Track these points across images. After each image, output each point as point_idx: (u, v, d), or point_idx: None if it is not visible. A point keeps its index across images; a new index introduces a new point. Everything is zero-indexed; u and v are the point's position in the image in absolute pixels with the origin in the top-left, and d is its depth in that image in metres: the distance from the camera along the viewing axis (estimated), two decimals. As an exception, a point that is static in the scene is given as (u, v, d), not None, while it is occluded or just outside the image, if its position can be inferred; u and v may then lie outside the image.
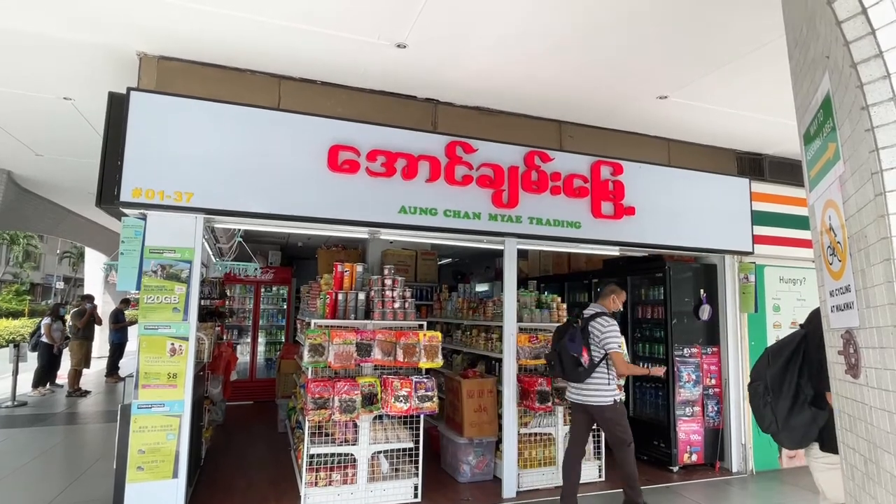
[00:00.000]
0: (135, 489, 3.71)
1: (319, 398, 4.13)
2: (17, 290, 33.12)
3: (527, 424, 4.97)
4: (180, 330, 3.92)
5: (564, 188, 4.94)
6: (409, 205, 4.44)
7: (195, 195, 3.88)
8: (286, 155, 4.16)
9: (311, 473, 4.29)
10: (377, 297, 4.72)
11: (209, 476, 5.00)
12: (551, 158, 4.91)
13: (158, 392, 3.82)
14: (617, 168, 5.15)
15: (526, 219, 4.79)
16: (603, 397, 4.10)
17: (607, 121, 5.37)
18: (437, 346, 4.50)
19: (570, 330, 4.21)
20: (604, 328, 4.15)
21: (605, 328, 4.14)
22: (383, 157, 4.38)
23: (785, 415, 2.44)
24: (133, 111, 3.79)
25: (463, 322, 6.42)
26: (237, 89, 4.29)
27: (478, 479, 5.06)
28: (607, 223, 5.08)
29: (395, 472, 4.57)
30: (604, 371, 4.10)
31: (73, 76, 4.53)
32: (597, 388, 4.10)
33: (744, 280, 5.79)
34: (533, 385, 4.73)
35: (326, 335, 4.30)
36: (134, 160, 3.76)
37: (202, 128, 3.97)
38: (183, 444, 3.84)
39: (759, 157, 6.20)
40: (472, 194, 4.63)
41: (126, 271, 3.92)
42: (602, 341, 4.11)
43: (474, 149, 4.65)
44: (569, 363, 4.10)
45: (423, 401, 4.35)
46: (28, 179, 8.08)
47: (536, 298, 5.46)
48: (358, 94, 4.67)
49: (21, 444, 6.13)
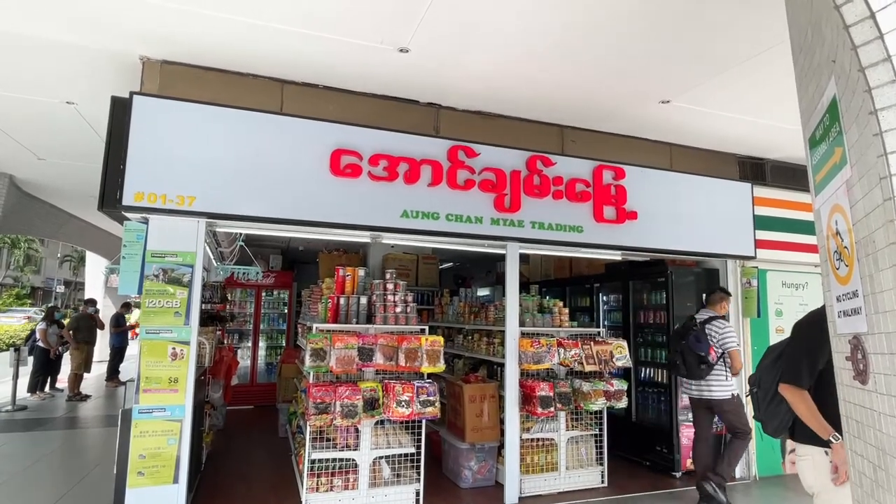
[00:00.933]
0: (135, 494, 3.69)
1: (321, 403, 4.11)
2: (18, 293, 33.13)
3: (529, 429, 4.95)
4: (182, 334, 3.90)
5: (567, 192, 4.93)
6: (412, 209, 4.43)
7: (197, 199, 3.88)
8: (288, 159, 4.15)
9: (312, 479, 4.26)
10: (379, 301, 4.71)
11: (210, 481, 4.97)
12: (553, 163, 4.91)
13: (159, 396, 3.80)
14: (619, 172, 5.15)
15: (528, 223, 4.78)
16: (723, 391, 4.60)
17: (609, 125, 5.38)
18: (438, 351, 4.48)
19: (693, 332, 4.67)
20: (721, 329, 4.66)
21: (722, 329, 4.66)
22: (385, 161, 4.38)
23: (766, 404, 2.67)
24: (136, 115, 3.79)
25: (465, 326, 6.40)
26: (240, 93, 4.30)
27: (480, 485, 5.03)
28: (610, 227, 5.07)
29: (396, 478, 4.54)
30: (722, 368, 4.61)
31: (75, 80, 4.54)
32: (717, 383, 4.60)
33: (746, 285, 5.77)
34: (535, 390, 4.71)
35: (328, 339, 4.28)
36: (136, 164, 3.76)
37: (204, 132, 3.96)
38: (184, 449, 3.82)
39: (761, 161, 6.20)
40: (474, 198, 4.63)
41: (128, 275, 3.91)
42: (720, 341, 4.61)
43: (476, 153, 4.64)
44: (692, 362, 4.58)
45: (425, 406, 4.33)
46: (30, 183, 8.08)
47: (538, 302, 5.44)
48: (360, 99, 4.68)
49: (20, 448, 6.10)
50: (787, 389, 2.47)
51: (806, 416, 2.40)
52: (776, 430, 2.67)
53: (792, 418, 2.56)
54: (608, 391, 4.94)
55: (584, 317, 7.06)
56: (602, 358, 5.00)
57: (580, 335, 5.25)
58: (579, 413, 5.18)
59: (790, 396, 2.46)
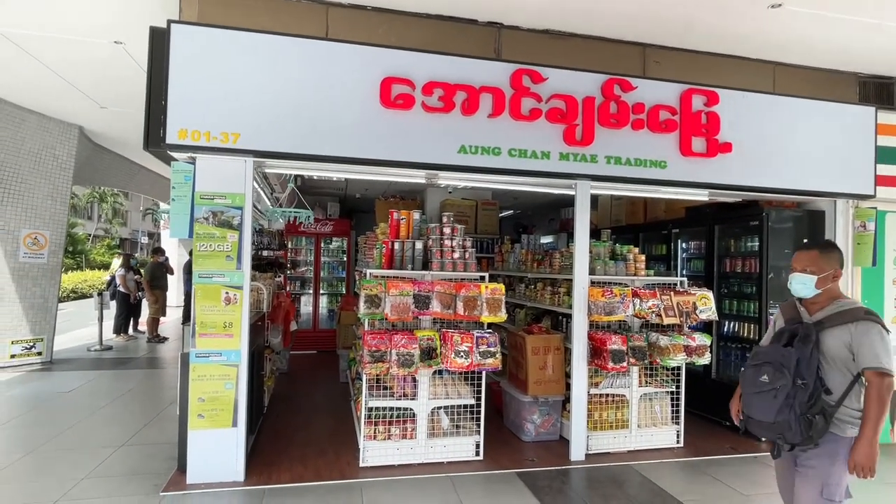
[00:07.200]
0: (197, 436, 3.71)
1: (376, 351, 3.92)
2: (108, 244, 35.92)
3: (598, 385, 4.58)
4: (234, 279, 3.78)
5: (648, 122, 4.29)
6: (470, 143, 3.99)
7: (242, 136, 3.63)
8: (335, 90, 3.79)
9: (369, 426, 4.15)
10: (435, 246, 4.39)
11: (271, 424, 5.03)
12: (634, 87, 4.25)
13: (215, 341, 3.74)
14: (712, 97, 4.41)
15: (602, 158, 4.22)
16: None
17: (701, 42, 4.59)
18: (500, 300, 4.14)
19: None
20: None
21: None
22: (441, 89, 3.93)
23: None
24: (175, 46, 3.53)
25: (527, 275, 6.01)
26: (282, 18, 3.95)
27: (543, 439, 4.78)
28: (698, 162, 4.40)
29: (455, 429, 4.36)
30: None
31: (119, 13, 4.34)
32: None
33: (860, 228, 4.95)
34: (606, 343, 4.29)
35: (382, 286, 4.05)
36: (178, 99, 3.54)
37: (246, 62, 3.66)
38: (241, 394, 3.77)
39: (889, 80, 5.17)
40: (540, 130, 4.11)
41: (178, 218, 3.79)
42: None
43: (544, 77, 4.08)
44: None
45: (486, 357, 4.04)
46: (98, 134, 8.28)
47: (610, 249, 4.93)
48: (412, 21, 4.20)
49: (106, 384, 6.50)
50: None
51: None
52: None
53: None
54: (689, 346, 4.45)
55: (660, 265, 6.44)
56: (683, 310, 4.47)
57: (657, 285, 4.72)
58: (654, 369, 4.73)
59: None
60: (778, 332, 2.45)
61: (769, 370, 2.27)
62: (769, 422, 2.25)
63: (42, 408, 5.48)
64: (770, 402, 2.24)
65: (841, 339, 2.23)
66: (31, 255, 7.27)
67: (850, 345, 2.22)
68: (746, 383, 2.37)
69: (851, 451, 2.19)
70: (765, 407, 2.26)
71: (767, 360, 2.32)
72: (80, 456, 4.20)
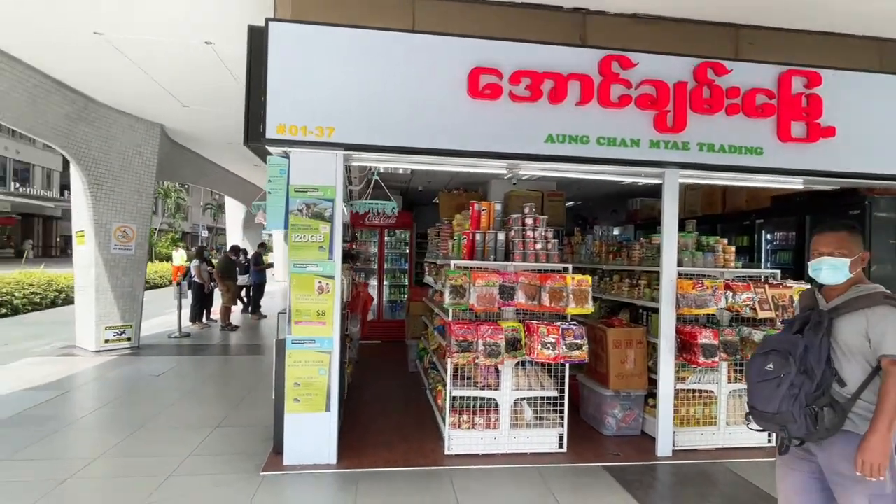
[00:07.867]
0: (293, 419, 3.86)
1: (464, 341, 3.95)
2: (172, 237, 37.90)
3: (684, 380, 4.44)
4: (326, 269, 3.89)
5: (744, 106, 4.09)
6: (557, 132, 3.94)
7: (336, 130, 3.72)
8: (424, 81, 3.82)
9: (454, 415, 4.20)
10: (517, 237, 4.37)
11: (351, 411, 5.17)
12: (728, 70, 4.06)
13: (310, 329, 3.87)
14: (813, 78, 4.16)
15: (694, 145, 4.06)
16: None
17: (800, 20, 4.33)
18: (587, 291, 4.07)
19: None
20: None
21: None
22: (528, 78, 3.88)
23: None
24: (272, 43, 3.66)
25: (601, 267, 5.90)
26: (370, 12, 3.99)
27: (625, 434, 4.69)
28: (797, 148, 4.17)
29: (538, 420, 4.34)
30: None
31: (211, 13, 4.51)
32: None
33: (978, 217, 4.56)
34: (696, 337, 4.15)
35: (467, 277, 4.06)
36: (276, 95, 3.66)
37: (338, 57, 3.75)
38: (333, 380, 3.89)
39: None
40: (630, 117, 4.00)
41: (274, 210, 3.94)
42: None
43: (633, 63, 3.96)
44: None
45: (572, 349, 4.00)
46: (177, 132, 8.71)
47: (696, 240, 4.76)
48: (496, 9, 4.16)
49: (188, 370, 6.87)
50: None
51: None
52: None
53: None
54: (785, 341, 4.23)
55: (743, 257, 6.16)
56: (780, 304, 4.26)
57: (749, 277, 4.52)
58: (744, 364, 4.54)
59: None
60: (790, 321, 2.26)
61: (776, 358, 2.08)
62: (771, 412, 2.05)
63: (139, 389, 5.85)
64: (773, 391, 2.03)
65: (856, 327, 2.01)
66: (121, 248, 7.76)
67: (866, 332, 1.98)
68: (752, 372, 2.17)
69: (859, 446, 1.94)
70: (768, 396, 2.06)
71: (775, 347, 2.12)
72: (183, 434, 4.46)
